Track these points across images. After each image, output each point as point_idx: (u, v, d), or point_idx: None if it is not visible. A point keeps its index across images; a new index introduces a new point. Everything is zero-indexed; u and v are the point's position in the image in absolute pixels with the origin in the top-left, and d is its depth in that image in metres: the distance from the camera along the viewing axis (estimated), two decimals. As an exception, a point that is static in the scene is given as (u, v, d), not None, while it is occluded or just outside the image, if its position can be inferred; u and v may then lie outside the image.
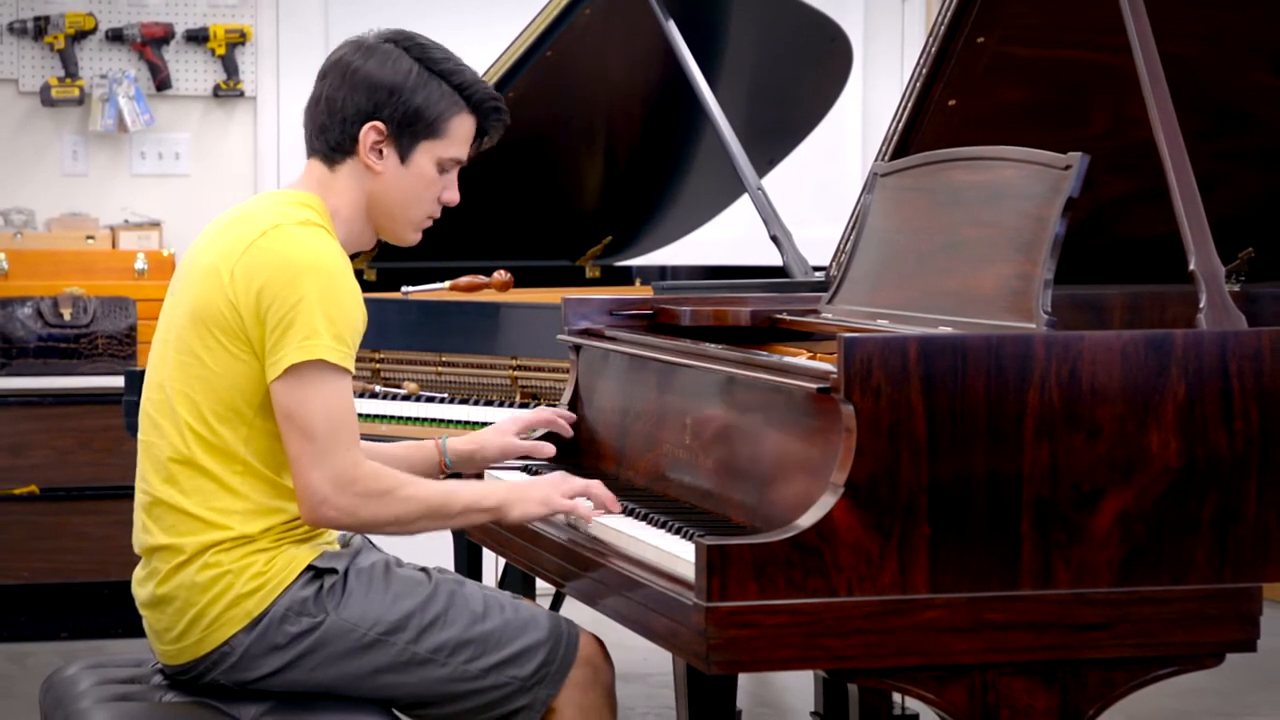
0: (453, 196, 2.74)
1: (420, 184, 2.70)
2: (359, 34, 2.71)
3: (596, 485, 2.73)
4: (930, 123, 3.24)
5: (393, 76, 2.65)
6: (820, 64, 4.83)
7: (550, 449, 2.97)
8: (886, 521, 2.30)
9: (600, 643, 2.71)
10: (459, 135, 2.70)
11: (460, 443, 2.93)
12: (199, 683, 2.63)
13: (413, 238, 2.74)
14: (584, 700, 2.66)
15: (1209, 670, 2.44)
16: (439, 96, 2.67)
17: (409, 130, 2.66)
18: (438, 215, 2.75)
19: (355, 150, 2.67)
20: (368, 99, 2.64)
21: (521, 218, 4.79)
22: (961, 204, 2.70)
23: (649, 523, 2.64)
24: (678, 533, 2.54)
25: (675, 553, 2.44)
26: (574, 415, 3.10)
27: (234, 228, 2.64)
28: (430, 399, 3.82)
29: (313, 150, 2.71)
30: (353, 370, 2.58)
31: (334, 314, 2.55)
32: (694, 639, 2.28)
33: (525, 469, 3.07)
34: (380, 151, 2.67)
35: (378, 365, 3.95)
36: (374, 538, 2.82)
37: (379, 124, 2.65)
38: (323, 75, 2.69)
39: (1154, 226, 2.97)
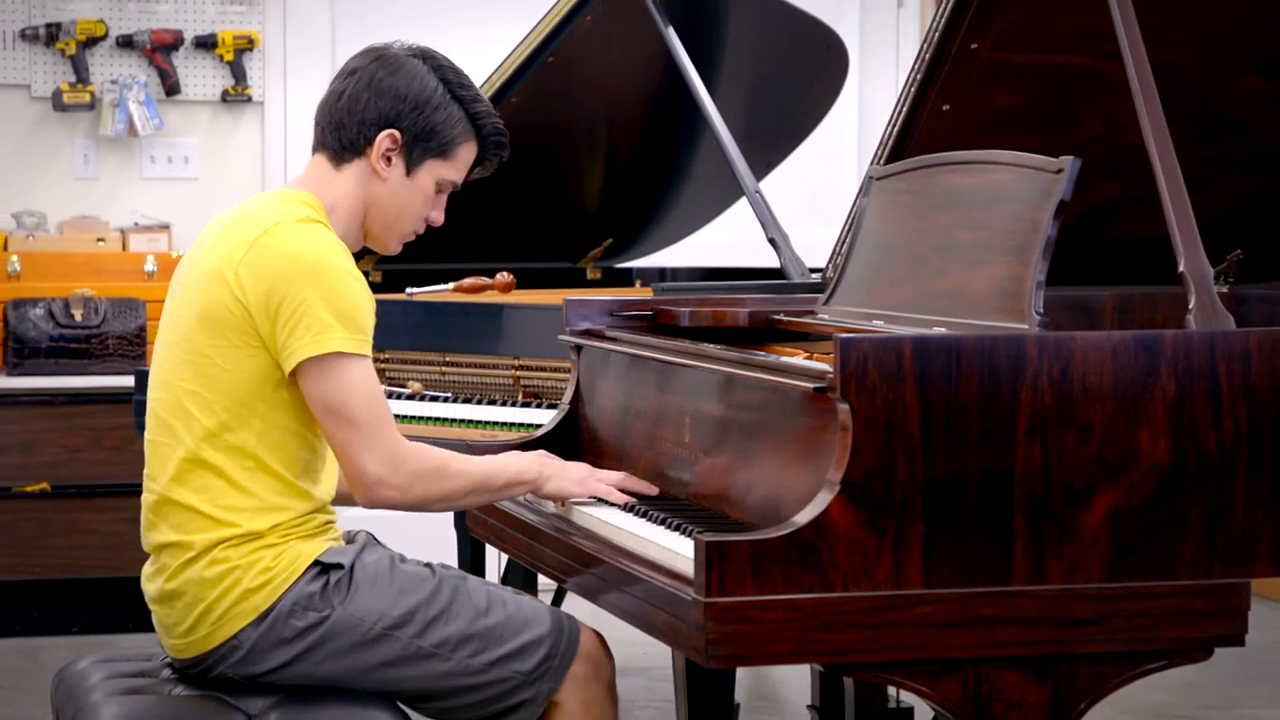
0: (439, 217, 2.79)
1: (417, 198, 2.74)
2: (382, 43, 2.76)
3: (632, 480, 2.81)
4: (924, 127, 3.22)
5: (420, 91, 2.70)
6: (817, 70, 4.82)
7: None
8: (882, 518, 2.31)
9: (601, 638, 2.74)
10: (462, 160, 2.76)
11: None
12: (207, 676, 2.65)
13: (395, 248, 2.80)
14: (585, 694, 2.69)
15: (1198, 664, 2.45)
16: (456, 120, 2.72)
17: (422, 145, 2.71)
18: (421, 231, 2.80)
19: (366, 153, 2.71)
20: (391, 106, 2.69)
21: (524, 221, 4.78)
22: (955, 207, 2.70)
23: (649, 519, 2.66)
24: (677, 529, 2.56)
25: (675, 549, 2.46)
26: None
27: (235, 229, 2.66)
28: (434, 398, 3.84)
29: (322, 145, 2.74)
30: (371, 355, 2.62)
31: (342, 306, 2.59)
32: (693, 634, 2.29)
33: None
34: (389, 159, 2.71)
35: (382, 365, 3.96)
36: (378, 534, 2.85)
37: (395, 132, 2.70)
38: (347, 74, 2.72)
39: (1144, 229, 2.98)
